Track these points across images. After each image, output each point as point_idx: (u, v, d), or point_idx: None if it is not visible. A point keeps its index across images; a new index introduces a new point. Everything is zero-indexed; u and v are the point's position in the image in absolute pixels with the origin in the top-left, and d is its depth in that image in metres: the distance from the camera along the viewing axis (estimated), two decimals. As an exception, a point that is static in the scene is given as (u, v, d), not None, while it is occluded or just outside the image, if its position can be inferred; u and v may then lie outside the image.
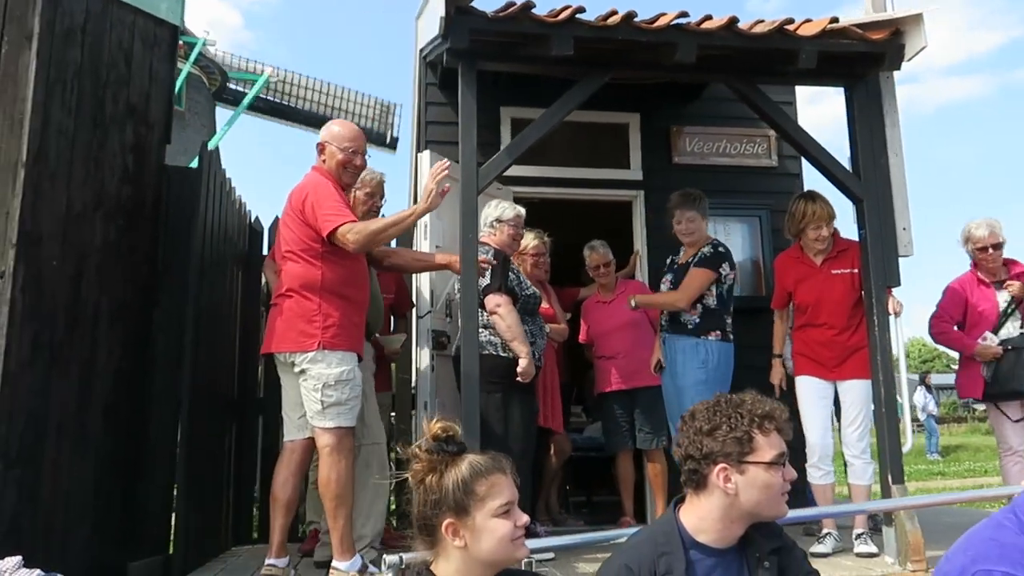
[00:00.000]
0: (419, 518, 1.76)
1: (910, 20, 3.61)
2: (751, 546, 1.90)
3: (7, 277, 2.87)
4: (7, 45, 3.05)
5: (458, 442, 1.79)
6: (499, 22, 3.38)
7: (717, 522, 1.86)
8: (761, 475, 1.83)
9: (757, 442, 1.84)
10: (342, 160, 3.49)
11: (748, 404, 1.88)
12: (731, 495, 1.84)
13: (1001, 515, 1.98)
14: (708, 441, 1.86)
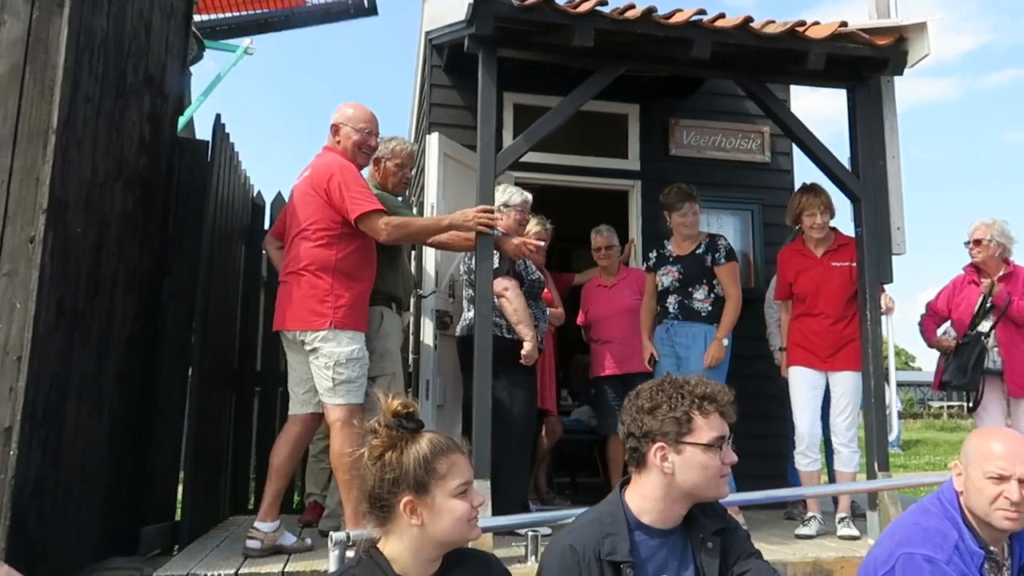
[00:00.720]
0: (374, 495, 1.72)
1: (914, 28, 3.76)
2: (695, 527, 1.92)
3: (37, 243, 2.89)
4: (38, 11, 3.05)
5: (417, 419, 1.76)
6: (524, 10, 3.46)
7: (658, 502, 1.88)
8: (698, 456, 1.83)
9: (696, 423, 1.84)
10: (357, 141, 3.54)
11: (691, 385, 1.89)
12: (668, 475, 1.85)
13: (927, 501, 2.17)
14: (648, 420, 1.87)
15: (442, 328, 4.72)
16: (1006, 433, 2.18)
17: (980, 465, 2.05)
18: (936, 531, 2.03)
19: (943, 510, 2.10)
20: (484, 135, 3.72)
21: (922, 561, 1.95)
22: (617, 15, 3.62)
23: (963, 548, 2.00)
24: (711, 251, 4.61)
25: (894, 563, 1.98)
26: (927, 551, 1.97)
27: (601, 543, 1.82)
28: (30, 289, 2.85)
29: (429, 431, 1.78)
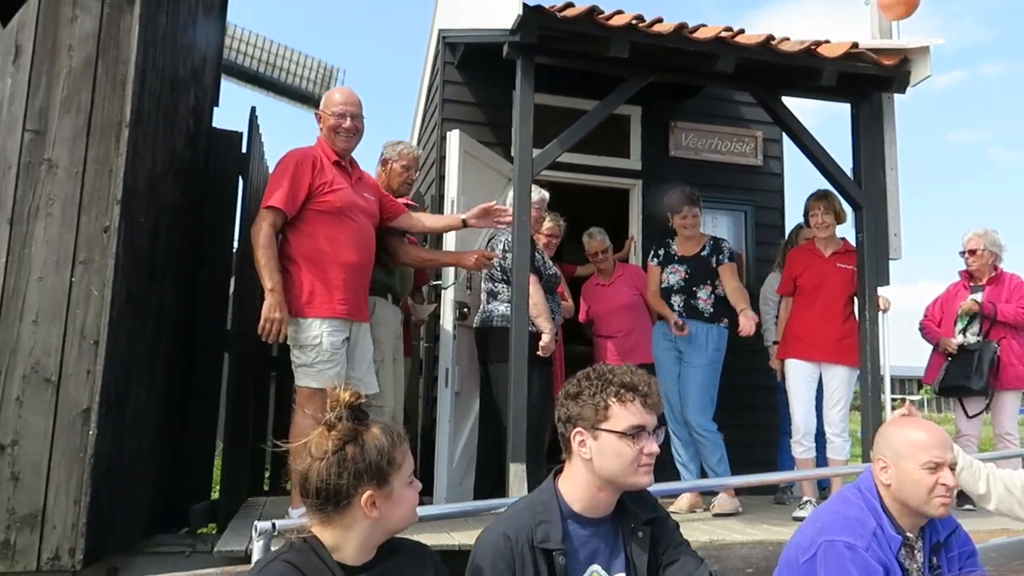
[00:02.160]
0: (330, 490, 1.62)
1: (919, 51, 4.07)
2: (626, 517, 1.94)
3: (112, 232, 3.03)
4: (109, 7, 3.16)
5: (365, 410, 1.72)
6: (566, 22, 3.67)
7: (585, 489, 1.89)
8: (612, 443, 1.83)
9: (612, 411, 1.85)
10: (332, 125, 3.52)
11: (616, 374, 1.90)
12: (587, 460, 1.87)
13: (847, 490, 2.25)
14: (572, 405, 1.90)
15: (461, 319, 4.92)
16: (922, 423, 2.22)
17: (915, 457, 2.09)
18: (856, 519, 2.08)
19: (863, 499, 2.16)
20: (522, 138, 3.93)
21: (843, 548, 2.00)
22: (646, 27, 3.85)
23: (880, 535, 2.06)
24: (716, 252, 4.88)
25: (816, 550, 2.03)
26: (847, 538, 2.02)
27: (534, 531, 1.83)
28: (106, 277, 2.99)
29: (375, 421, 1.72)
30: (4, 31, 3.06)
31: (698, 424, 4.64)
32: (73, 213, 3.02)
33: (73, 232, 3.01)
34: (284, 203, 3.39)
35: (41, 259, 2.97)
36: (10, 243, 2.95)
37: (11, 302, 2.92)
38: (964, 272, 5.17)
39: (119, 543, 3.19)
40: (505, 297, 4.56)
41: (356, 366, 3.69)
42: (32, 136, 3.03)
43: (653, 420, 1.88)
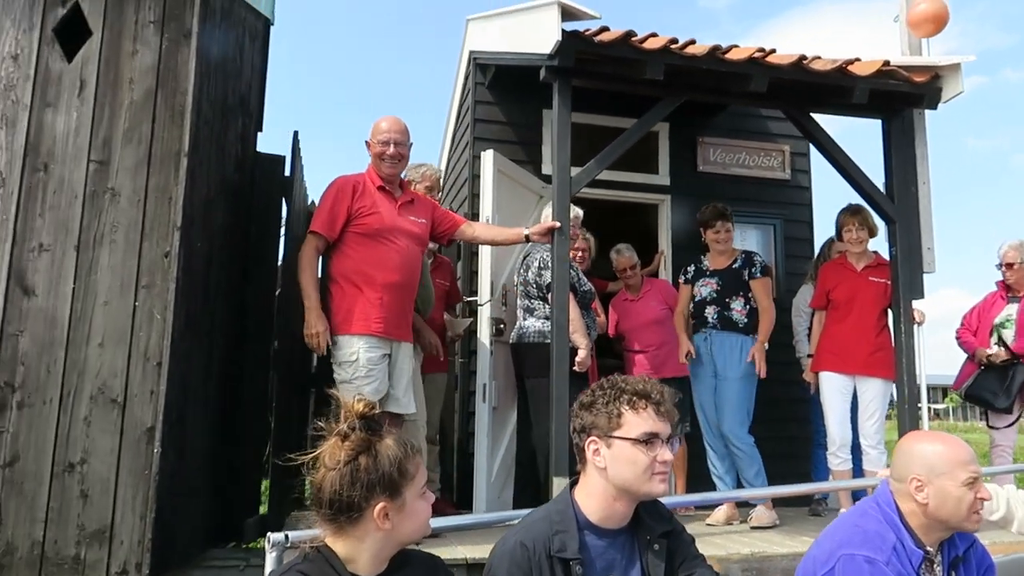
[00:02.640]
0: (343, 502, 1.60)
1: (950, 68, 4.12)
2: (641, 529, 1.93)
3: (172, 257, 3.15)
4: (167, 41, 3.30)
5: (379, 420, 1.70)
6: (603, 47, 3.76)
7: (600, 499, 1.90)
8: (626, 451, 1.84)
9: (626, 418, 1.86)
10: (378, 152, 3.68)
11: (628, 383, 1.91)
12: (601, 469, 1.88)
13: (865, 504, 2.21)
14: (585, 414, 1.91)
15: (497, 334, 5.01)
16: (944, 436, 2.18)
17: (954, 475, 2.05)
18: (875, 533, 2.07)
19: (881, 512, 2.14)
20: (560, 158, 4.01)
21: (863, 562, 1.98)
22: (679, 50, 3.93)
23: (900, 549, 2.05)
24: (747, 266, 4.94)
25: (835, 563, 2.01)
26: (867, 552, 2.00)
27: (551, 540, 1.83)
28: (167, 300, 3.12)
29: (389, 431, 1.70)
30: (69, 66, 3.20)
31: (735, 437, 4.69)
32: (136, 239, 3.14)
33: (136, 258, 3.13)
34: (324, 228, 3.56)
35: (106, 284, 3.10)
36: (77, 269, 3.08)
37: (78, 326, 3.04)
38: (1001, 283, 5.20)
39: (180, 558, 3.29)
40: (541, 313, 4.64)
41: (395, 384, 3.80)
42: (96, 166, 3.16)
43: (667, 428, 1.89)
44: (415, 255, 3.84)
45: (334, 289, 3.59)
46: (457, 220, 4.15)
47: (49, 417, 2.97)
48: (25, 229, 3.07)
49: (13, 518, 2.90)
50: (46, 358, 3.01)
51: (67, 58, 3.22)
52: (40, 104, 3.16)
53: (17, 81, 3.15)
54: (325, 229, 3.56)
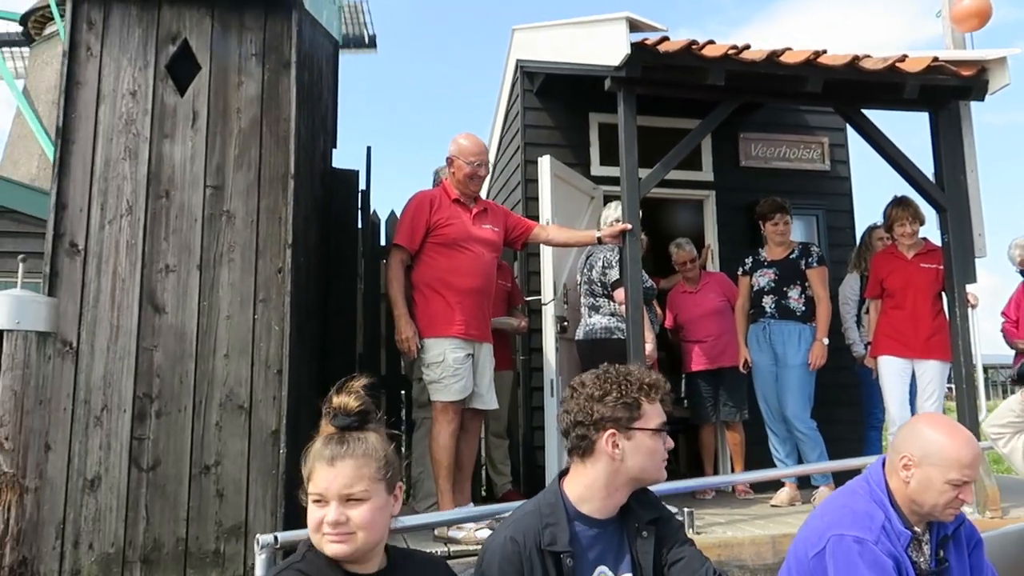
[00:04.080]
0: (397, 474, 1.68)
1: (996, 61, 4.31)
2: (630, 517, 1.94)
3: (285, 273, 3.40)
4: (269, 72, 3.55)
5: (369, 415, 1.71)
6: (667, 56, 3.98)
7: (602, 489, 1.90)
8: (647, 441, 1.88)
9: (644, 409, 1.89)
10: (468, 172, 3.99)
11: (636, 373, 1.95)
12: (617, 460, 1.88)
13: (855, 484, 2.21)
14: (599, 407, 1.89)
15: (561, 332, 5.24)
16: (963, 432, 2.13)
17: (944, 472, 2.04)
18: (864, 513, 2.07)
19: (870, 492, 2.14)
20: (628, 163, 4.23)
21: (852, 542, 1.99)
22: (737, 55, 4.14)
23: (890, 529, 2.05)
24: (804, 256, 5.15)
25: (825, 544, 2.03)
26: (857, 532, 2.00)
27: (541, 533, 1.84)
28: (283, 313, 3.37)
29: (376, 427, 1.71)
30: (182, 99, 3.46)
31: (799, 421, 4.91)
32: (251, 258, 3.40)
33: (252, 274, 3.39)
34: (406, 240, 3.87)
35: (227, 299, 3.35)
36: (201, 287, 3.33)
37: (205, 339, 3.30)
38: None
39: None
40: (606, 310, 4.88)
41: (479, 382, 4.06)
42: (212, 191, 3.42)
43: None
44: (490, 261, 4.10)
45: (418, 297, 3.86)
46: (530, 224, 4.40)
47: (184, 424, 3.23)
48: (153, 252, 3.33)
49: (158, 517, 3.16)
50: (178, 370, 3.27)
51: (179, 92, 3.47)
52: (159, 136, 3.42)
53: (137, 115, 3.41)
54: (407, 241, 3.83)
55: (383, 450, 1.63)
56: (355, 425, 1.64)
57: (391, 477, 1.62)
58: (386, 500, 1.61)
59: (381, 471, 1.60)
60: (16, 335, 2.52)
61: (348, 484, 1.56)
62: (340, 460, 1.58)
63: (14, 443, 2.55)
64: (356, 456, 1.59)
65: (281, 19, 3.59)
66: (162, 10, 3.50)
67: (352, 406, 1.66)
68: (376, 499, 1.58)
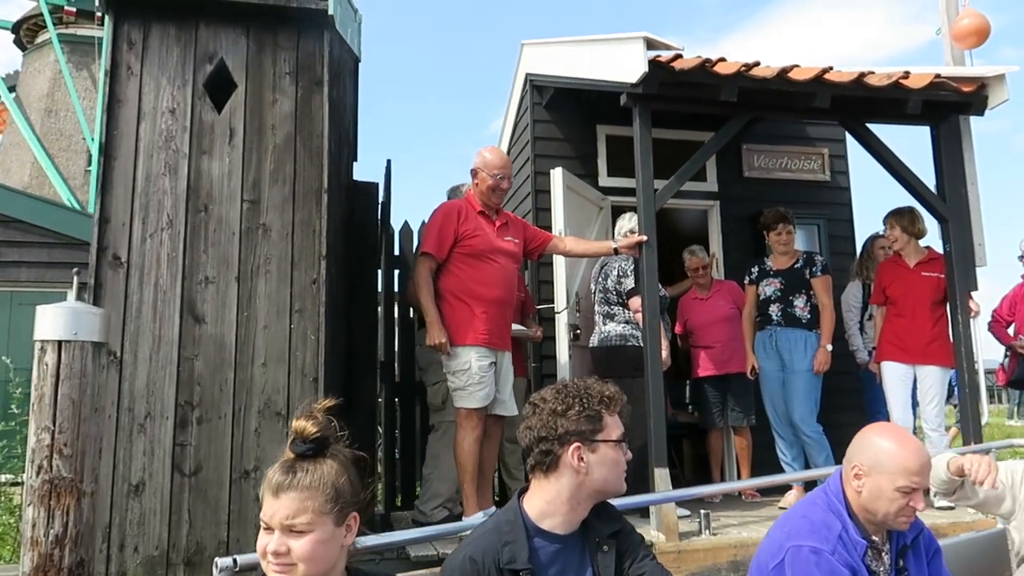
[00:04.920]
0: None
1: (995, 78, 4.49)
2: (591, 531, 1.94)
3: (320, 284, 3.53)
4: (302, 89, 3.68)
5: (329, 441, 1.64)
6: (683, 74, 4.14)
7: (565, 503, 1.90)
8: (610, 453, 1.90)
9: (606, 421, 1.91)
10: (492, 185, 4.11)
11: (595, 387, 1.95)
12: (582, 474, 1.88)
13: (814, 495, 2.23)
14: (563, 421, 1.89)
15: (574, 339, 5.38)
16: (911, 441, 2.15)
17: (893, 479, 2.05)
18: (822, 523, 2.08)
19: (828, 502, 2.15)
20: (644, 176, 4.38)
21: (809, 553, 2.00)
22: (747, 71, 4.30)
23: (847, 538, 2.06)
24: (809, 265, 5.32)
25: (784, 555, 2.04)
26: (814, 543, 2.02)
27: (500, 552, 1.82)
28: (318, 322, 3.50)
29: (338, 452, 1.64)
30: (219, 117, 3.58)
31: (805, 425, 5.06)
32: (287, 269, 3.52)
33: (288, 286, 3.51)
34: (434, 249, 3.96)
35: (264, 310, 3.47)
36: (239, 298, 3.45)
37: (244, 348, 3.42)
38: None
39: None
40: (621, 318, 5.02)
41: (501, 389, 4.19)
42: (249, 205, 3.54)
43: None
44: (512, 272, 4.24)
45: (443, 305, 3.97)
46: (548, 236, 4.54)
47: (224, 430, 3.35)
48: (193, 264, 3.45)
49: (200, 521, 3.27)
50: (218, 378, 3.39)
51: (217, 109, 3.59)
52: (197, 152, 3.54)
53: (176, 132, 3.53)
54: (436, 250, 3.94)
55: (334, 481, 1.56)
56: (310, 453, 1.58)
57: (341, 509, 1.56)
58: (332, 532, 1.55)
59: (328, 504, 1.54)
60: (74, 345, 2.62)
61: (290, 516, 1.52)
62: (284, 491, 1.54)
63: (72, 449, 2.65)
64: (301, 488, 1.54)
65: (313, 39, 3.72)
66: (199, 30, 3.62)
67: (309, 432, 1.59)
68: (320, 532, 1.53)
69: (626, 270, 4.93)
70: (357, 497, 1.59)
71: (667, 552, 3.90)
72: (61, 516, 2.63)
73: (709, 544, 3.99)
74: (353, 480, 1.61)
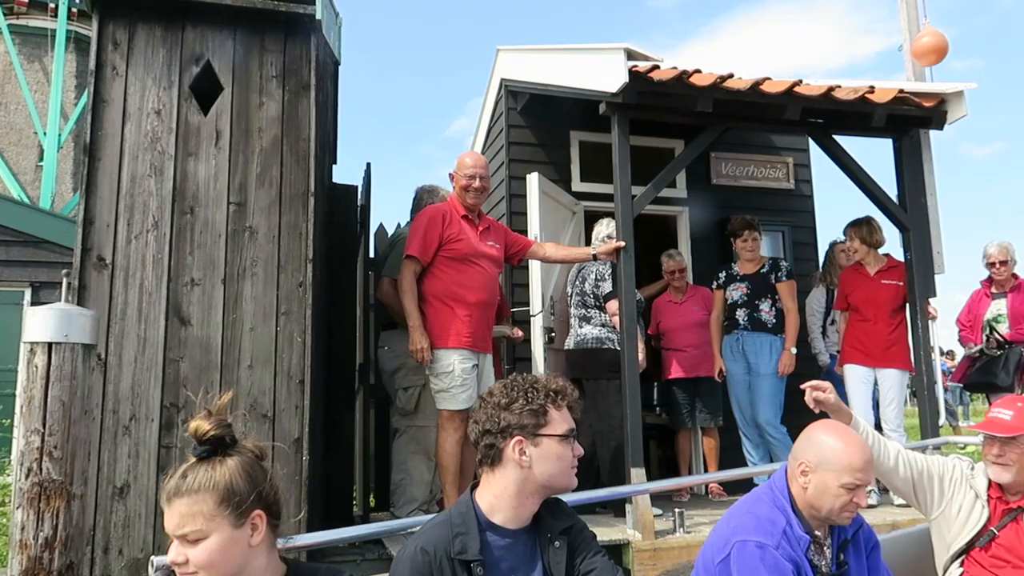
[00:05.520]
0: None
1: (954, 95, 4.70)
2: (542, 527, 1.94)
3: (306, 287, 3.55)
4: (289, 93, 3.70)
5: (228, 440, 1.58)
6: (661, 84, 4.25)
7: (512, 498, 1.90)
8: (555, 447, 1.88)
9: (551, 416, 1.89)
10: (463, 185, 4.20)
11: (543, 381, 1.94)
12: (525, 468, 1.87)
13: (760, 491, 2.28)
14: (506, 415, 1.89)
15: (549, 342, 5.46)
16: (855, 439, 2.21)
17: (838, 476, 2.10)
18: (766, 518, 2.12)
19: (773, 498, 2.19)
20: (622, 184, 4.49)
21: (754, 548, 2.03)
22: (722, 83, 4.43)
23: (791, 534, 2.10)
24: (774, 271, 5.49)
25: (729, 550, 2.07)
26: (759, 538, 2.04)
27: (452, 543, 1.82)
28: (304, 325, 3.52)
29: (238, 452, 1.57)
30: (205, 119, 3.58)
31: (770, 427, 5.23)
32: (273, 272, 3.54)
33: (275, 288, 3.53)
34: (419, 252, 4.01)
35: (251, 312, 3.49)
36: (225, 300, 3.46)
37: (230, 350, 3.43)
38: (986, 281, 5.79)
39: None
40: (597, 321, 5.12)
41: (483, 390, 4.24)
42: (235, 207, 3.55)
43: (574, 425, 1.95)
44: (495, 276, 4.31)
45: (427, 308, 4.03)
46: (528, 242, 4.63)
47: (211, 433, 3.34)
48: (178, 266, 3.44)
49: (186, 523, 3.27)
50: (204, 380, 3.39)
51: (203, 111, 3.59)
52: (183, 154, 3.53)
53: (161, 134, 3.52)
54: (421, 253, 4.00)
55: (228, 481, 1.49)
56: (205, 454, 1.51)
57: (238, 509, 1.48)
58: (232, 535, 1.48)
59: (222, 506, 1.47)
60: (64, 347, 2.61)
61: (180, 525, 1.46)
62: (174, 499, 1.48)
63: (62, 451, 2.64)
64: (191, 492, 1.47)
65: (300, 42, 3.74)
66: (185, 32, 3.61)
67: (203, 430, 1.52)
68: (217, 536, 1.46)
69: (603, 274, 5.03)
70: (259, 494, 1.51)
71: (644, 550, 4.01)
72: (51, 519, 2.62)
73: (683, 541, 4.11)
74: (255, 477, 1.53)
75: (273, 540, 1.56)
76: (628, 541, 4.07)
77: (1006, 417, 2.64)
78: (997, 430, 2.62)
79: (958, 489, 2.74)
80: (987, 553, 2.63)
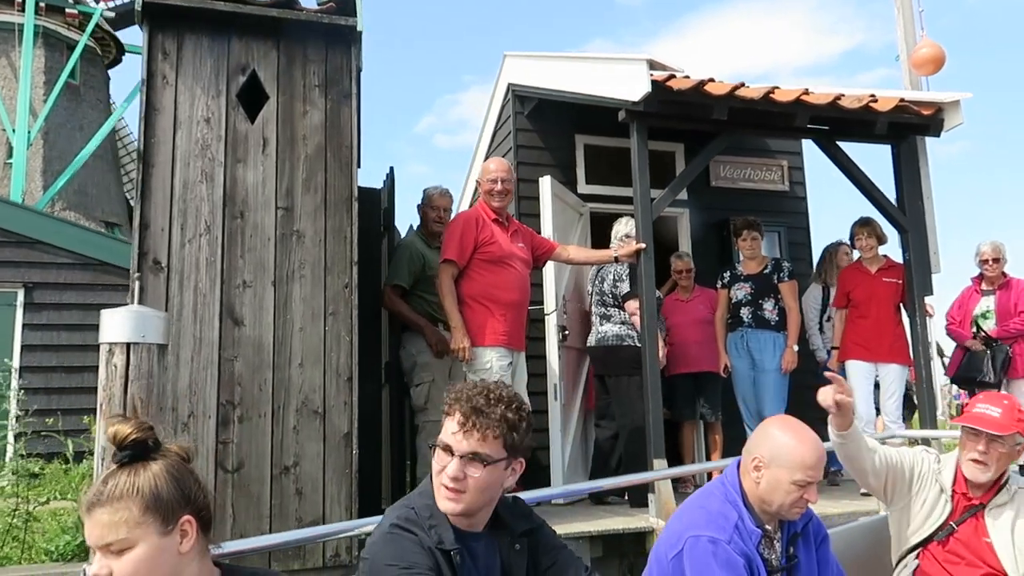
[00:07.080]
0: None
1: (951, 104, 4.96)
2: (501, 531, 1.86)
3: (352, 288, 3.70)
4: (331, 101, 3.84)
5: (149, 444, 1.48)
6: (680, 94, 4.45)
7: None
8: (436, 456, 1.77)
9: (445, 424, 1.78)
10: (487, 189, 4.44)
11: (474, 388, 1.80)
12: None
13: (712, 485, 2.29)
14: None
15: (562, 340, 5.65)
16: (809, 436, 2.19)
17: (790, 472, 2.10)
18: (719, 513, 2.12)
19: (725, 493, 2.19)
20: (641, 188, 4.69)
21: (707, 543, 2.03)
22: (735, 92, 4.65)
23: (742, 528, 2.11)
24: (777, 271, 5.74)
25: (682, 545, 2.06)
26: (711, 532, 2.05)
27: (427, 533, 1.74)
28: (351, 325, 3.67)
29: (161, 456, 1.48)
30: (252, 127, 3.71)
31: (776, 420, 5.46)
32: (320, 275, 3.68)
33: (322, 290, 3.67)
34: (456, 255, 4.18)
35: (300, 313, 3.63)
36: (275, 301, 3.60)
37: (281, 349, 3.57)
38: (976, 278, 6.09)
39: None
40: (617, 319, 5.32)
41: (517, 387, 4.44)
42: (283, 212, 3.69)
43: (464, 446, 1.72)
44: (526, 276, 4.52)
45: (464, 309, 4.20)
46: (553, 245, 4.82)
47: (264, 428, 3.49)
48: (231, 268, 3.57)
49: (243, 515, 3.41)
50: (257, 378, 3.52)
51: (250, 119, 3.72)
52: (232, 160, 3.66)
53: (211, 141, 3.64)
54: (457, 256, 4.17)
55: (152, 486, 1.40)
56: (127, 459, 1.42)
57: (164, 515, 1.39)
58: (159, 543, 1.38)
59: (148, 513, 1.38)
60: (141, 347, 2.74)
61: (102, 536, 1.36)
62: (95, 508, 1.38)
63: (141, 447, 2.77)
64: (112, 500, 1.37)
65: (341, 52, 3.89)
66: (231, 42, 3.74)
67: (122, 434, 1.43)
68: (143, 545, 1.37)
69: (621, 275, 5.23)
70: (187, 498, 1.43)
71: (668, 537, 4.21)
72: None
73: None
74: (182, 480, 1.44)
75: (205, 545, 1.48)
76: (652, 528, 4.27)
77: (994, 414, 2.61)
78: (987, 426, 2.59)
79: (926, 483, 2.75)
80: (943, 548, 2.67)
